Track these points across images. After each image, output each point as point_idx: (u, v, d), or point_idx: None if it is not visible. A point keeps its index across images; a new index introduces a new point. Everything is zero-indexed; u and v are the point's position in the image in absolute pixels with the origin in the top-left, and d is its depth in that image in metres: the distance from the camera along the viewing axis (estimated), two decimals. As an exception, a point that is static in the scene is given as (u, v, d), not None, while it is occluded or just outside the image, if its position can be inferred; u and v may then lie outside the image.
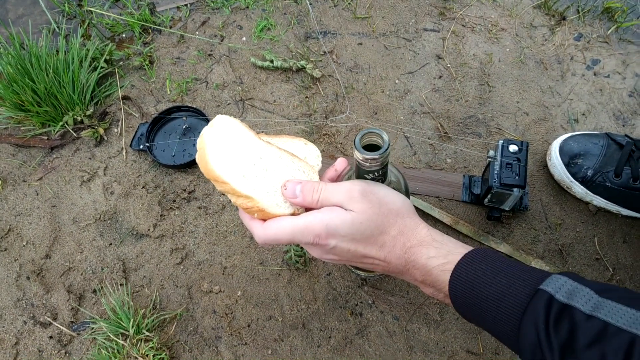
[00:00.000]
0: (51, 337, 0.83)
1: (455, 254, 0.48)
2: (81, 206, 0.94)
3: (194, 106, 1.02)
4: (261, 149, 0.53)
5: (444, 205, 0.90)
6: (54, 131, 1.00)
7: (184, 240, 0.89)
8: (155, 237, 0.90)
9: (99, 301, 0.85)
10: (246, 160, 0.51)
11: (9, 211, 0.95)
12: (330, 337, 0.80)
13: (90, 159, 0.99)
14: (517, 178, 0.77)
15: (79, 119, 1.00)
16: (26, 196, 0.96)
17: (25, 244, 0.91)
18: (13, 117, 1.02)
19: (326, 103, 1.02)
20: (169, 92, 1.06)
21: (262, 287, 0.84)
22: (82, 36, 1.12)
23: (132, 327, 0.79)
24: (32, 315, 0.85)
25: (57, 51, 1.05)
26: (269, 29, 1.13)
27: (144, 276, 0.87)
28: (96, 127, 1.00)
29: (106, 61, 1.07)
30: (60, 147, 1.00)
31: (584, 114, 0.98)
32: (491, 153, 0.79)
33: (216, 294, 0.85)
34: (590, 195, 0.86)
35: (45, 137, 1.01)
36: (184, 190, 0.94)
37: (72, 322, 0.84)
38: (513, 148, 0.79)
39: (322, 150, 0.96)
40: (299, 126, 0.99)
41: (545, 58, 1.05)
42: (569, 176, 0.86)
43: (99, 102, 1.05)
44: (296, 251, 0.84)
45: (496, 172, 0.78)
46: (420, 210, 0.88)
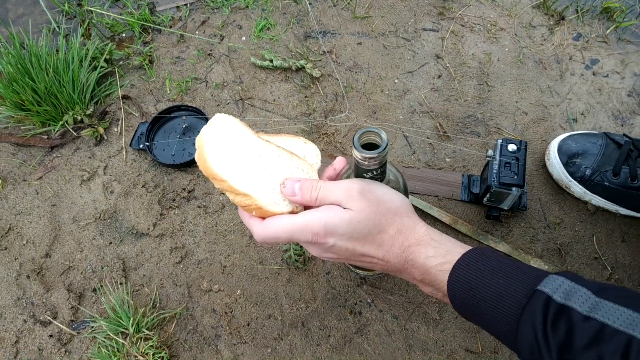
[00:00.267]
0: (51, 335, 0.83)
1: (453, 254, 0.48)
2: (81, 205, 0.94)
3: (194, 105, 1.02)
4: (260, 147, 0.53)
5: (443, 204, 0.90)
6: (54, 130, 1.01)
7: (184, 239, 0.90)
8: (155, 236, 0.90)
9: (98, 300, 0.85)
10: (245, 158, 0.51)
11: (9, 210, 0.95)
12: (329, 335, 0.80)
13: (90, 158, 0.99)
14: (515, 177, 0.77)
15: (79, 118, 1.00)
16: (26, 195, 0.96)
17: (25, 243, 0.91)
18: (13, 117, 1.02)
19: (325, 102, 1.02)
20: (168, 92, 1.06)
21: (262, 286, 0.85)
22: (82, 36, 1.12)
23: (132, 325, 0.79)
24: (32, 314, 0.85)
25: (57, 51, 1.05)
26: (268, 28, 1.13)
27: (144, 275, 0.87)
28: (96, 126, 1.00)
29: (106, 61, 1.07)
30: (60, 147, 1.01)
31: (582, 114, 0.98)
32: (490, 152, 0.80)
33: (216, 292, 0.85)
34: (588, 194, 0.86)
35: (45, 137, 1.02)
36: (184, 190, 0.94)
37: (72, 320, 0.84)
38: (512, 147, 0.79)
39: (321, 149, 0.96)
40: (299, 125, 1.00)
41: (544, 58, 1.05)
42: (568, 175, 0.86)
43: (99, 102, 1.06)
44: (295, 250, 0.84)
45: (495, 171, 0.78)
46: (420, 209, 0.88)
